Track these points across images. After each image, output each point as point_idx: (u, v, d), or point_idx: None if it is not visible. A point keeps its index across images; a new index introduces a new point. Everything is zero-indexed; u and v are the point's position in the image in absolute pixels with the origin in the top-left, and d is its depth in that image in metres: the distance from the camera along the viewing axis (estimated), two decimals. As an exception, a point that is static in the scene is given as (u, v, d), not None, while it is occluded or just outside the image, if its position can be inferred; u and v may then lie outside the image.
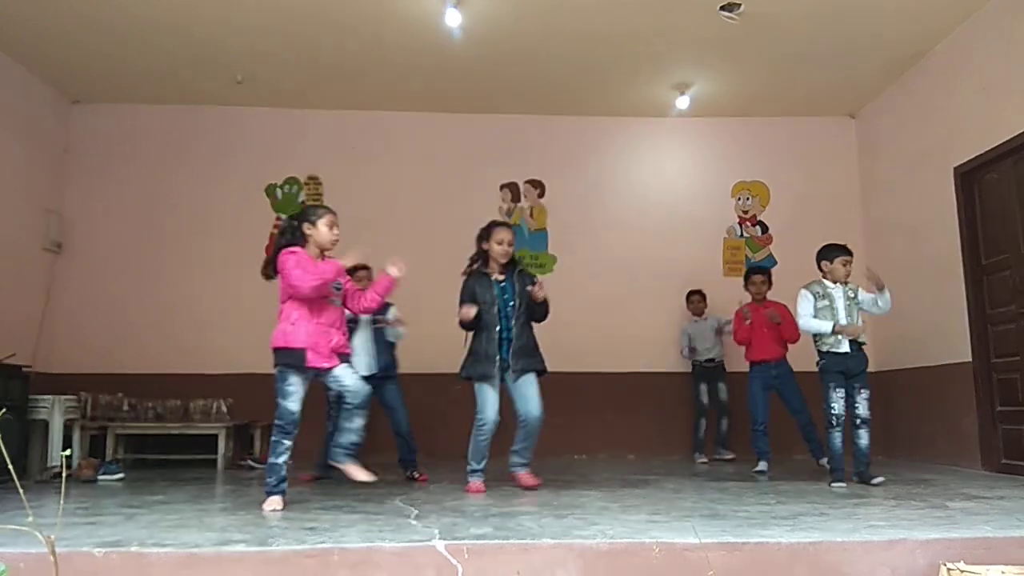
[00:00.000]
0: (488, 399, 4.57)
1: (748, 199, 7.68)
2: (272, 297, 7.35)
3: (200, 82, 6.89)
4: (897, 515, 3.34)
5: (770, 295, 6.82)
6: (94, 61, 6.45)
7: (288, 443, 3.83)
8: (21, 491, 2.47)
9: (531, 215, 7.57)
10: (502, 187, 7.58)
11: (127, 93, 7.12)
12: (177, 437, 6.47)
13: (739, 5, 5.51)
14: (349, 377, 3.92)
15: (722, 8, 5.54)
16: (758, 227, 7.65)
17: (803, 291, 4.90)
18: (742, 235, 7.63)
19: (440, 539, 2.67)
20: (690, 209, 7.58)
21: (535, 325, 4.70)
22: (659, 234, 7.49)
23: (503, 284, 4.61)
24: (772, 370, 5.74)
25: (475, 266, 4.69)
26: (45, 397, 5.68)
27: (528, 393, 4.57)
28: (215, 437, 6.32)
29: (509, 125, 7.59)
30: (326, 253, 4.00)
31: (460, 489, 4.50)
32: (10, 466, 2.53)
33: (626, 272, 7.38)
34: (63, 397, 5.77)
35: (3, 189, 6.27)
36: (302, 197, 7.44)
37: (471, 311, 4.47)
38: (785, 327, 5.71)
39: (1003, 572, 2.53)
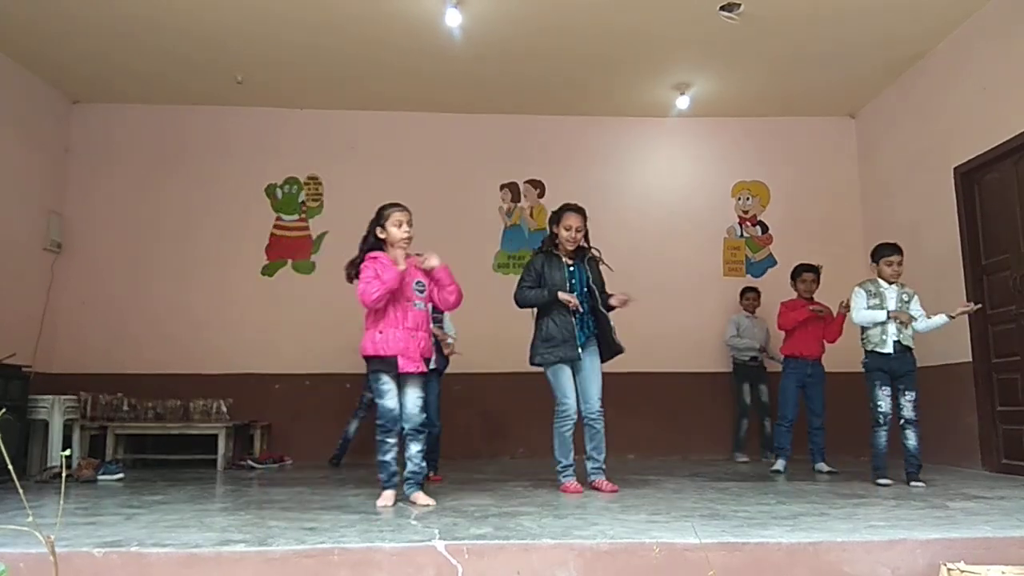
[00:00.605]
0: (566, 383, 4.43)
1: (748, 199, 7.68)
2: (271, 298, 7.39)
3: (200, 82, 6.89)
4: (897, 515, 3.34)
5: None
6: (94, 61, 6.45)
7: (392, 441, 3.88)
8: (21, 491, 2.47)
9: (531, 215, 7.57)
10: (502, 187, 7.58)
11: (127, 93, 7.12)
12: (177, 437, 6.47)
13: (739, 5, 5.51)
14: (411, 400, 3.92)
15: (722, 8, 5.54)
16: (758, 227, 7.65)
17: (856, 288, 4.95)
18: (742, 235, 7.63)
19: (440, 539, 2.67)
20: (690, 209, 7.58)
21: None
22: (659, 234, 7.49)
23: (572, 268, 4.54)
24: (808, 367, 5.72)
25: (544, 248, 4.63)
26: (45, 397, 5.68)
27: (592, 385, 4.49)
28: (215, 437, 6.32)
29: (509, 125, 7.59)
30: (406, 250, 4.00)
31: (461, 490, 4.48)
32: (10, 466, 2.53)
33: (626, 272, 7.32)
34: (63, 397, 5.77)
35: (3, 189, 6.27)
36: (302, 197, 7.44)
37: (571, 300, 4.37)
38: (828, 326, 5.72)
39: (1003, 572, 2.53)
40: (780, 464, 5.66)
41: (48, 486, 4.96)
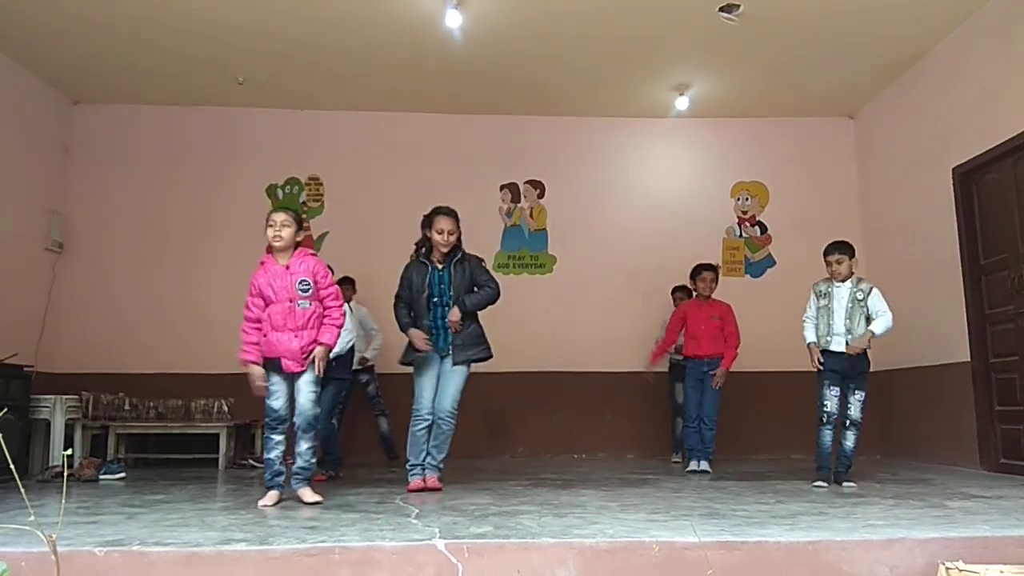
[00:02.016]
0: (425, 387, 4.52)
1: (747, 199, 7.69)
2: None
3: (201, 83, 6.90)
4: (896, 514, 3.35)
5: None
6: (95, 62, 6.46)
7: (277, 438, 3.97)
8: (23, 490, 2.48)
9: (531, 215, 7.58)
10: (502, 187, 7.59)
11: (128, 94, 7.13)
12: (178, 437, 6.48)
13: (738, 6, 5.52)
14: (303, 395, 3.97)
15: (721, 9, 5.55)
16: (757, 227, 7.66)
17: (811, 291, 4.92)
18: (741, 235, 7.64)
19: (440, 538, 2.68)
20: (689, 209, 7.59)
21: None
22: (658, 234, 7.50)
23: (441, 272, 4.56)
24: (704, 367, 5.69)
25: (420, 251, 4.64)
26: (47, 397, 5.70)
27: (449, 386, 4.52)
28: (216, 436, 6.33)
29: (509, 126, 7.60)
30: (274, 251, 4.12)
31: (461, 489, 4.50)
32: (12, 466, 2.55)
33: (625, 272, 7.39)
34: (65, 397, 5.78)
35: (5, 189, 6.29)
36: (303, 197, 7.45)
37: (418, 339, 4.45)
38: (728, 333, 5.78)
39: (1001, 571, 2.53)
40: (695, 464, 5.60)
41: (50, 485, 4.97)
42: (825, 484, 4.54)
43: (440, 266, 4.57)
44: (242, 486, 4.90)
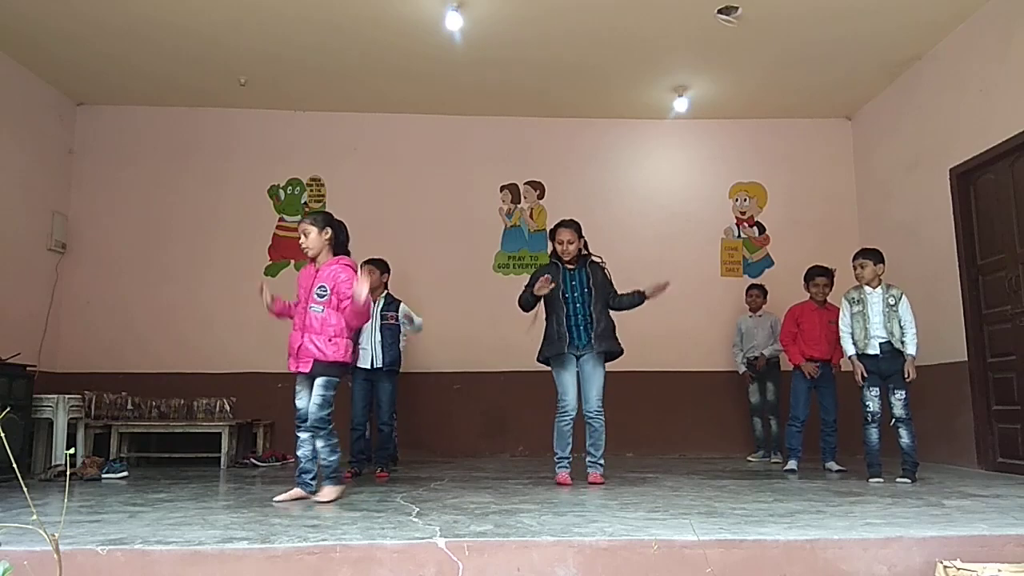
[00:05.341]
0: (565, 381, 4.74)
1: (745, 200, 7.70)
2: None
3: (204, 84, 6.93)
4: (894, 513, 3.36)
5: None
6: (98, 63, 6.49)
7: (302, 436, 4.08)
8: (25, 489, 2.52)
9: (531, 216, 7.60)
10: (502, 188, 7.62)
11: (131, 95, 7.15)
12: (181, 435, 6.50)
13: (736, 8, 5.54)
14: (302, 398, 4.08)
15: (719, 11, 5.57)
16: (755, 228, 7.68)
17: (843, 299, 5.03)
18: (739, 236, 7.66)
19: (441, 536, 2.70)
20: (688, 210, 7.61)
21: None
22: (657, 235, 7.52)
23: (573, 271, 4.83)
24: (818, 368, 5.69)
25: (550, 260, 4.97)
26: (49, 396, 5.72)
27: (592, 385, 4.75)
28: (218, 435, 6.35)
29: (509, 127, 7.62)
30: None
31: (461, 487, 4.52)
32: (14, 464, 2.58)
33: (624, 272, 7.33)
34: (67, 396, 5.80)
35: (8, 190, 6.31)
36: (305, 198, 7.48)
37: (543, 288, 4.63)
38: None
39: (999, 570, 2.54)
40: (792, 464, 5.63)
41: (52, 484, 4.99)
42: (881, 480, 4.65)
43: (571, 267, 4.84)
44: (244, 485, 4.92)
